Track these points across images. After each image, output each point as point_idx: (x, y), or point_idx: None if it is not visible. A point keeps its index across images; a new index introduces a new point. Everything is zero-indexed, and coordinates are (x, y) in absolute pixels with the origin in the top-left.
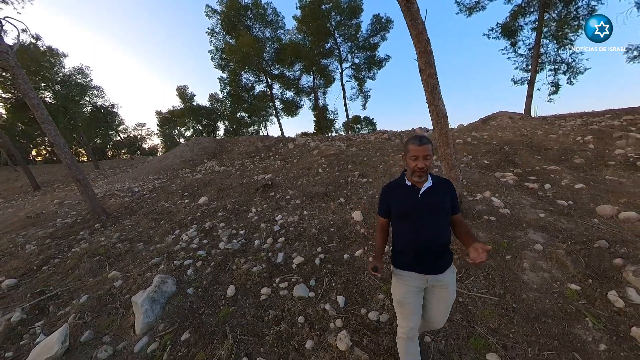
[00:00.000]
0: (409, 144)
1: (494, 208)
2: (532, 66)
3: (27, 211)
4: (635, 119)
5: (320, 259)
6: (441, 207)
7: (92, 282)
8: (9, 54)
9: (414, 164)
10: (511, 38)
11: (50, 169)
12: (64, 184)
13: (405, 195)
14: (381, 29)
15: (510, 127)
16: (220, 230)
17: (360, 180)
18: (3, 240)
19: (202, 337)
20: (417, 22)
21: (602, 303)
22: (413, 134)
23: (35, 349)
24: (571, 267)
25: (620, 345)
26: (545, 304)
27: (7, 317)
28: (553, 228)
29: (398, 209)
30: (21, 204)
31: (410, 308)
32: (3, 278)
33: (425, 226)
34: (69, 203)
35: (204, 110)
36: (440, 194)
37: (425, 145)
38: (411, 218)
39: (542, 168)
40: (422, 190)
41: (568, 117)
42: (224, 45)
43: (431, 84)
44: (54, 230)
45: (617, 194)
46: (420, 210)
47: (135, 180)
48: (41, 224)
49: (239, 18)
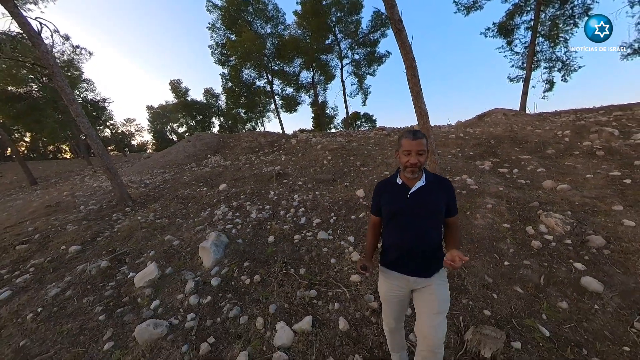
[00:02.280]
0: (402, 139)
1: (467, 185)
2: (527, 64)
3: (39, 202)
4: (623, 115)
5: (334, 219)
6: (431, 209)
7: (152, 243)
8: (49, 54)
9: (406, 159)
10: (507, 37)
11: (36, 165)
12: (61, 179)
13: (394, 195)
14: (381, 25)
15: (502, 123)
16: (249, 206)
17: (361, 169)
18: (39, 223)
19: (259, 263)
20: (405, 44)
21: (521, 233)
22: (408, 129)
23: (137, 275)
24: (507, 215)
25: (523, 250)
26: (485, 234)
27: (95, 265)
28: (505, 196)
29: (386, 208)
30: (26, 197)
31: (393, 307)
32: (66, 246)
33: (411, 228)
34: (80, 195)
35: (198, 106)
36: (433, 194)
37: (420, 139)
38: (398, 218)
39: (517, 157)
40: (412, 190)
41: (563, 113)
42: (225, 40)
43: (416, 90)
44: (85, 214)
45: (566, 174)
46: (408, 210)
47: (141, 174)
48: (63, 212)
49: (239, 13)
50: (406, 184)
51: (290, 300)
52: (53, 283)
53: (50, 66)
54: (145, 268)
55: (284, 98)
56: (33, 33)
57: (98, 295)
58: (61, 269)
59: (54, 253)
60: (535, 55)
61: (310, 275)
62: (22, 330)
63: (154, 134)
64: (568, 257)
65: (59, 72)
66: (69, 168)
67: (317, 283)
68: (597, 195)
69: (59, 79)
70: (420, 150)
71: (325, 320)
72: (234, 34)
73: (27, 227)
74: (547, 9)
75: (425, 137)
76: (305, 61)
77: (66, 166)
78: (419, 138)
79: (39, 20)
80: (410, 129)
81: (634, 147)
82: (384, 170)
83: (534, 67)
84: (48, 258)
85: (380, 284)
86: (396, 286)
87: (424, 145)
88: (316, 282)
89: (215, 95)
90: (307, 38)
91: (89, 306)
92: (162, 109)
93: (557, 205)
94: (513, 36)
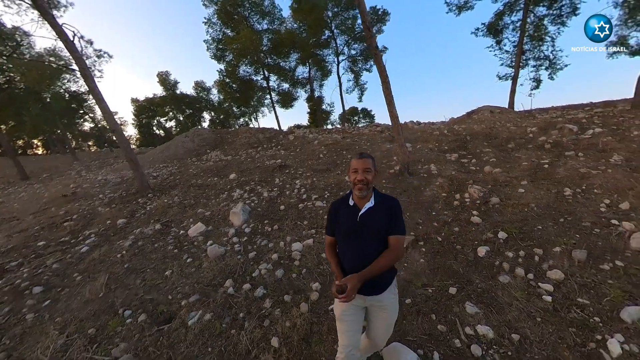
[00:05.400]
0: (351, 160)
1: (429, 170)
2: (515, 63)
3: (50, 194)
4: (602, 112)
5: (328, 195)
6: (377, 229)
7: (187, 215)
8: (81, 59)
9: (354, 176)
10: (496, 36)
11: (20, 161)
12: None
13: (346, 216)
14: (378, 20)
15: (487, 120)
16: (259, 189)
17: None
18: (67, 208)
19: (276, 220)
20: (381, 65)
21: (451, 198)
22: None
23: (190, 229)
24: (447, 188)
25: (447, 207)
26: (428, 200)
27: (150, 228)
28: (454, 177)
29: (339, 229)
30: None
31: (349, 326)
32: (112, 221)
33: (360, 249)
34: (88, 186)
35: (188, 99)
36: (379, 214)
37: (365, 159)
38: (349, 239)
39: (481, 150)
40: (361, 212)
41: (551, 110)
42: (221, 36)
43: (389, 99)
44: (109, 201)
45: (509, 162)
46: (357, 232)
47: (144, 168)
48: (84, 200)
49: (235, 8)
50: (357, 205)
51: (299, 235)
52: (121, 240)
53: (83, 69)
54: (195, 225)
55: (280, 93)
56: (68, 40)
57: (164, 242)
58: (119, 233)
59: (102, 226)
60: (523, 54)
61: (310, 224)
62: (122, 261)
63: (140, 128)
64: (472, 209)
65: (90, 75)
66: (54, 164)
67: (315, 227)
68: (516, 176)
69: (90, 79)
70: (366, 168)
71: (321, 240)
72: (229, 28)
73: (55, 212)
74: (536, 8)
75: (372, 158)
76: (301, 56)
77: (49, 162)
78: (365, 158)
79: (65, 26)
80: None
81: (578, 141)
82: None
83: (522, 65)
84: (102, 229)
85: (336, 305)
86: (352, 305)
87: (369, 164)
88: (315, 227)
89: (206, 88)
90: (304, 32)
91: (162, 247)
92: (149, 102)
93: (484, 182)
94: (502, 35)
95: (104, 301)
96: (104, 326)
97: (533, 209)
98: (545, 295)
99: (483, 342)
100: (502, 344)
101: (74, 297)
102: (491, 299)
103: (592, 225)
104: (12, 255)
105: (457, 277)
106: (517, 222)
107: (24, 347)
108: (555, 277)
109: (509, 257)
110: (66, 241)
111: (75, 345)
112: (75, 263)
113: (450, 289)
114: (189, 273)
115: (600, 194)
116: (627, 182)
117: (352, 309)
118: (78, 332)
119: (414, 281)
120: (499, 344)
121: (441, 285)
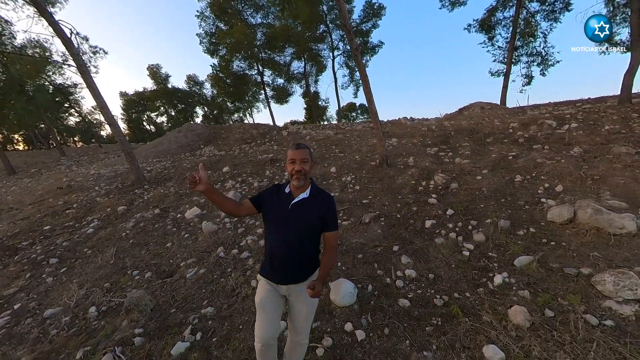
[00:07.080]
0: (288, 150)
1: (406, 162)
2: (507, 59)
3: (44, 187)
4: (591, 108)
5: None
6: (306, 221)
7: (184, 202)
8: (79, 55)
9: (292, 167)
10: (489, 32)
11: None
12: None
13: (279, 201)
14: (373, 14)
15: (477, 116)
16: (251, 180)
17: (339, 155)
18: (65, 198)
19: None
20: (361, 66)
21: (418, 185)
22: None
23: (187, 212)
24: (417, 176)
25: (413, 192)
26: (397, 186)
27: (150, 213)
28: (426, 168)
29: (268, 211)
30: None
31: (266, 314)
32: (112, 208)
33: (284, 236)
34: (82, 180)
35: (180, 94)
36: (311, 208)
37: (302, 149)
38: (275, 224)
39: (460, 145)
40: (294, 201)
41: (543, 106)
42: (214, 30)
43: (369, 97)
44: (105, 192)
45: (480, 155)
46: (285, 219)
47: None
48: (80, 192)
49: (229, 2)
50: (292, 194)
51: None
52: (123, 223)
53: (81, 66)
54: (191, 209)
55: (275, 89)
56: (66, 37)
57: (163, 223)
58: (121, 217)
59: (103, 213)
60: (515, 50)
61: None
62: (127, 238)
63: (129, 123)
64: (432, 193)
65: (88, 71)
66: (40, 159)
67: None
68: (481, 166)
69: (87, 76)
70: (303, 158)
71: None
72: (222, 22)
73: (54, 202)
74: (530, 4)
75: (309, 149)
76: (296, 51)
77: (34, 157)
78: (302, 148)
79: (61, 22)
80: (297, 142)
81: (551, 135)
82: (355, 155)
83: (514, 61)
84: (103, 215)
85: (258, 292)
86: (270, 292)
87: (306, 154)
88: None
89: (198, 83)
90: (299, 26)
91: (162, 227)
92: (138, 96)
93: (450, 172)
94: (495, 32)
95: (115, 266)
96: (117, 282)
97: (483, 192)
98: (465, 251)
99: (407, 280)
100: (420, 280)
101: (88, 265)
102: (423, 254)
103: (524, 203)
104: (21, 237)
105: (402, 240)
106: (466, 202)
107: (50, 299)
108: (478, 239)
109: (449, 227)
110: (71, 225)
111: (94, 294)
112: (84, 241)
113: (394, 247)
114: (187, 245)
115: (545, 179)
116: (571, 169)
117: (273, 297)
118: (95, 287)
119: (369, 244)
120: (418, 281)
121: (388, 245)
